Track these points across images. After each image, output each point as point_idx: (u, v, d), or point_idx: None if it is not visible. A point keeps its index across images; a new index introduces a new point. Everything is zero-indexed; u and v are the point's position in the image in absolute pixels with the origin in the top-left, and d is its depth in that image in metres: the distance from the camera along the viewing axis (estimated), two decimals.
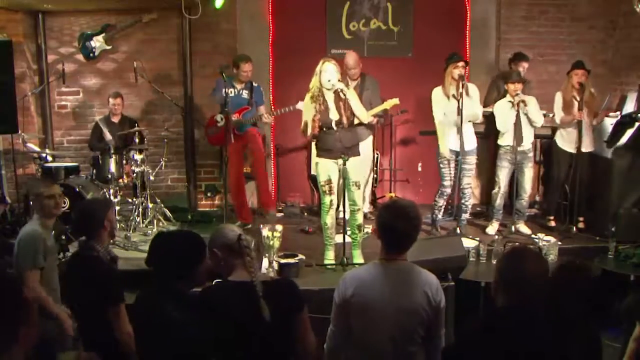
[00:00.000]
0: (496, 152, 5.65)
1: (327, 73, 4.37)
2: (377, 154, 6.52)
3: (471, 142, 5.36)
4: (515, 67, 6.13)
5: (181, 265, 2.46)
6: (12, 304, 1.70)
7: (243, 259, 2.41)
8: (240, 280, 2.38)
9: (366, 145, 5.93)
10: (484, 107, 5.89)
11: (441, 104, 5.33)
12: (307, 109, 4.53)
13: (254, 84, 5.75)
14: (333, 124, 4.44)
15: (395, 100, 5.66)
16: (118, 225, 4.82)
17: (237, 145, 5.50)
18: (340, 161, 4.39)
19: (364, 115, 4.59)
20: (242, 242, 2.42)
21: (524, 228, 5.55)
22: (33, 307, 1.76)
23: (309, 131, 4.48)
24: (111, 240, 3.31)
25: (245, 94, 5.68)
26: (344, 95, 4.41)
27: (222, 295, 2.37)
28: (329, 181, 4.51)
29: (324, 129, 4.47)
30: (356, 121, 4.58)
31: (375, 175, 6.41)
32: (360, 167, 4.66)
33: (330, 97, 4.45)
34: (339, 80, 4.39)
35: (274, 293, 2.35)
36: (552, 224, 5.77)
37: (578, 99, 5.34)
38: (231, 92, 5.58)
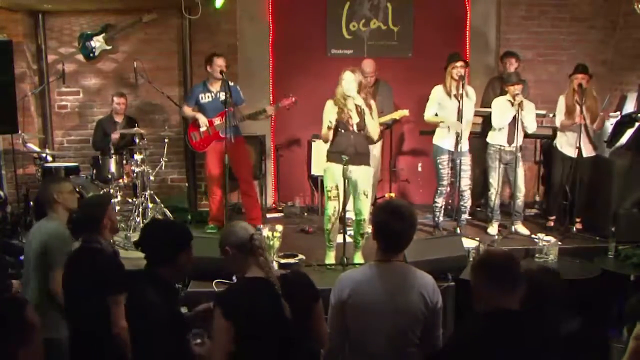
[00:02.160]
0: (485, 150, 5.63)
1: (345, 81, 4.48)
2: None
3: (465, 144, 5.37)
4: (503, 65, 6.16)
5: (163, 250, 2.55)
6: (11, 326, 1.69)
7: (256, 258, 2.43)
8: (257, 276, 2.40)
9: (376, 149, 5.95)
10: (480, 107, 5.90)
11: (437, 102, 5.33)
12: (328, 113, 4.56)
13: (230, 83, 5.44)
14: (355, 127, 4.48)
15: (405, 112, 5.68)
16: (118, 225, 4.78)
17: (217, 148, 5.36)
18: (344, 163, 4.40)
19: (374, 131, 4.63)
20: (255, 241, 2.44)
21: (521, 228, 5.54)
22: (35, 328, 1.74)
23: (329, 136, 4.55)
24: (112, 238, 3.35)
25: (222, 96, 5.36)
26: (361, 108, 4.48)
27: (243, 292, 2.38)
28: (336, 187, 4.51)
29: (341, 130, 4.50)
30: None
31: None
32: (369, 177, 4.67)
33: (352, 104, 4.51)
34: (357, 92, 4.48)
35: (291, 286, 2.40)
36: (551, 224, 5.76)
37: (580, 103, 5.32)
38: (208, 96, 5.48)
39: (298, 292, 2.41)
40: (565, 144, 5.57)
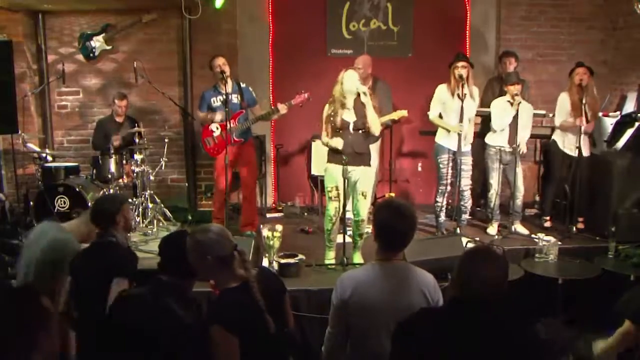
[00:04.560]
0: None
1: (351, 80, 4.44)
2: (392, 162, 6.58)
3: (468, 143, 5.37)
4: (502, 64, 6.17)
5: (189, 267, 2.48)
6: (29, 311, 1.72)
7: (236, 268, 2.39)
8: (239, 284, 2.37)
9: (373, 150, 5.94)
10: (480, 107, 5.90)
11: (441, 102, 5.33)
12: (323, 116, 4.54)
13: (242, 85, 5.48)
14: (350, 126, 4.44)
15: (404, 112, 5.66)
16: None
17: (230, 151, 5.19)
18: (344, 163, 4.39)
19: (376, 124, 4.55)
20: (239, 254, 2.40)
21: (520, 228, 5.54)
22: (52, 314, 1.77)
23: (325, 139, 4.53)
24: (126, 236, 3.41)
25: (234, 98, 5.36)
26: (365, 96, 4.41)
27: (237, 304, 2.33)
28: (336, 187, 4.49)
29: (339, 130, 4.46)
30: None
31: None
32: (369, 178, 4.67)
33: (350, 102, 4.47)
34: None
35: (263, 283, 2.39)
36: (548, 224, 5.77)
37: (583, 100, 5.31)
38: (219, 100, 5.32)
39: (270, 288, 2.44)
40: (566, 143, 5.57)
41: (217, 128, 5.34)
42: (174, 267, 2.56)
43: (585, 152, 5.47)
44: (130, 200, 5.89)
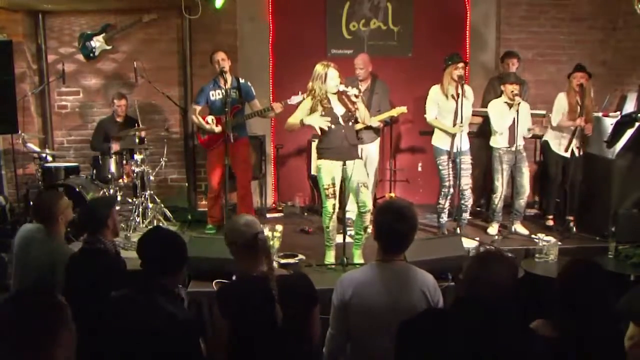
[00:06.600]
0: (491, 154, 5.63)
1: (334, 80, 4.40)
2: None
3: (465, 142, 5.37)
4: (504, 65, 6.15)
5: (169, 262, 2.52)
6: (51, 311, 1.77)
7: (259, 256, 2.47)
8: (256, 275, 2.44)
9: (373, 148, 5.95)
10: (481, 107, 5.90)
11: (436, 103, 5.33)
12: (303, 109, 4.52)
13: (241, 80, 5.45)
14: (340, 120, 4.42)
15: (403, 109, 5.66)
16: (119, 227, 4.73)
17: (222, 147, 5.15)
18: (342, 163, 4.39)
19: (369, 118, 4.57)
20: (260, 240, 2.48)
21: (520, 228, 5.54)
22: (68, 310, 1.81)
23: (295, 122, 4.49)
24: (113, 240, 3.38)
25: (233, 93, 5.35)
26: (355, 98, 4.38)
27: (241, 292, 2.43)
28: (333, 184, 4.47)
29: (331, 125, 4.44)
30: (358, 126, 4.61)
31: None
32: (363, 167, 4.66)
33: (333, 98, 4.47)
34: (349, 87, 4.43)
35: (290, 288, 2.43)
36: (551, 223, 5.77)
37: (580, 102, 5.32)
38: (218, 94, 5.39)
39: (296, 295, 2.43)
40: (557, 143, 5.58)
41: (213, 120, 5.35)
42: (154, 266, 2.55)
43: (579, 153, 5.47)
44: (129, 200, 5.92)
